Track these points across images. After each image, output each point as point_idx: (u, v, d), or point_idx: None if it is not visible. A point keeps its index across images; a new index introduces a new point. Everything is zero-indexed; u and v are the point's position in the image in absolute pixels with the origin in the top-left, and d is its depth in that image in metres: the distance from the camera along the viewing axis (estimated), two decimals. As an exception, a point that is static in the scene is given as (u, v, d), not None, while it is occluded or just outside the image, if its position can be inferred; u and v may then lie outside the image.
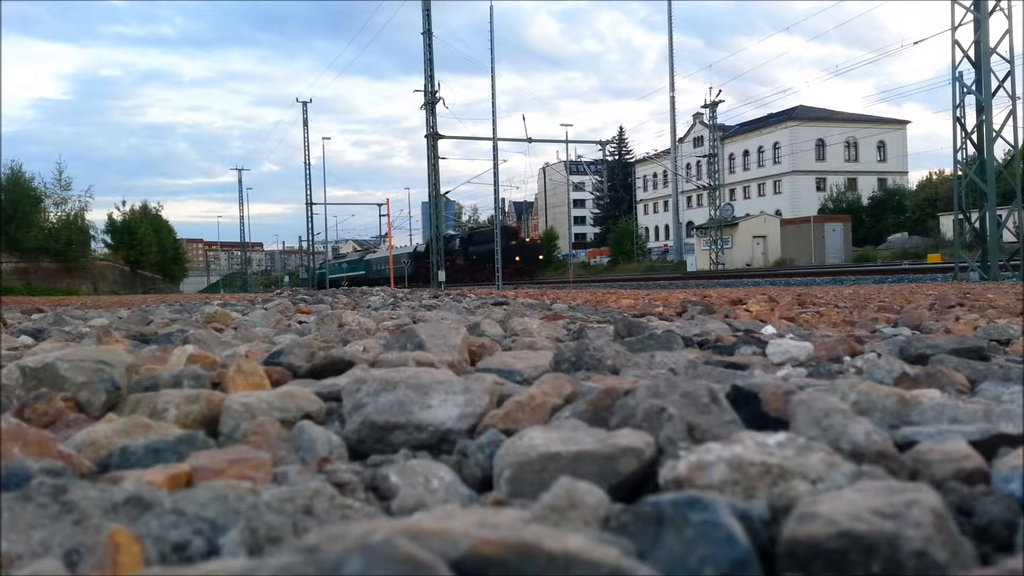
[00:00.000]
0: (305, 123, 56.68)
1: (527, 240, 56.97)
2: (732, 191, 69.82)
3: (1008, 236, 18.14)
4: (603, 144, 46.79)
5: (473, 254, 52.16)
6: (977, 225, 17.15)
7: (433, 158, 31.05)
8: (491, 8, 29.43)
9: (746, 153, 72.28)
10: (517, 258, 49.36)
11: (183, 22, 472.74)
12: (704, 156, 48.55)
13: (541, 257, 54.72)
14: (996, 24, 16.47)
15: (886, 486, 0.74)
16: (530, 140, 37.12)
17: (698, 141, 70.16)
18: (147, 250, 56.27)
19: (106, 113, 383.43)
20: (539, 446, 0.93)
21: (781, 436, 0.90)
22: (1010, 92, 16.37)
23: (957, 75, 16.80)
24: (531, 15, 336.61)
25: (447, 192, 39.19)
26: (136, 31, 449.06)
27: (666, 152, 56.10)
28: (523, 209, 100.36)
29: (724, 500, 0.70)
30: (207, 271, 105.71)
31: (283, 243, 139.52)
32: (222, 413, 1.28)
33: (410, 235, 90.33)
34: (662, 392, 1.09)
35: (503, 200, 55.29)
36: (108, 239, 54.09)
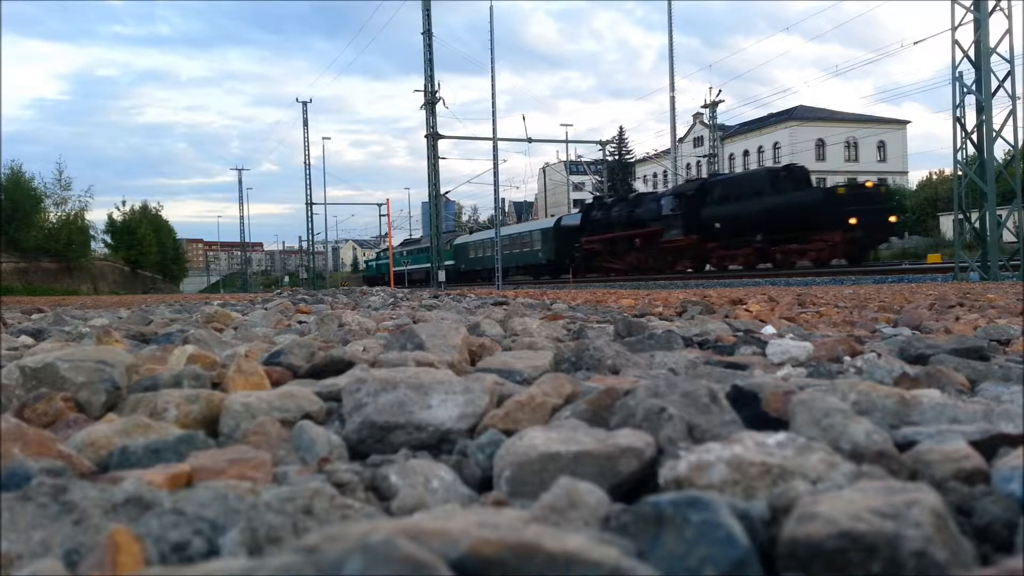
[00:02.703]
0: (305, 123, 56.68)
1: (867, 185, 26.29)
2: (732, 191, 69.73)
3: (1008, 236, 18.14)
4: (603, 144, 46.72)
5: (713, 220, 28.53)
6: (977, 225, 17.15)
7: (433, 158, 31.09)
8: (491, 8, 29.32)
9: (746, 153, 72.26)
10: (853, 220, 23.92)
11: (180, 22, 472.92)
12: (704, 156, 48.46)
13: (893, 219, 25.64)
14: (996, 24, 16.47)
15: (886, 486, 0.74)
16: (530, 140, 37.20)
17: (698, 141, 70.16)
18: (147, 250, 56.32)
19: (104, 113, 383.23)
20: (539, 446, 0.93)
21: (781, 436, 0.90)
22: (1010, 92, 16.36)
23: (957, 75, 16.80)
24: (529, 15, 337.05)
25: (447, 192, 39.19)
26: (133, 31, 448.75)
27: (666, 152, 55.83)
28: (523, 209, 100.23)
29: (724, 500, 0.70)
30: (207, 271, 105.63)
31: (283, 243, 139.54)
32: (222, 413, 1.28)
33: (407, 231, 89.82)
34: (662, 392, 1.09)
35: (503, 200, 53.97)
36: (108, 239, 54.17)
